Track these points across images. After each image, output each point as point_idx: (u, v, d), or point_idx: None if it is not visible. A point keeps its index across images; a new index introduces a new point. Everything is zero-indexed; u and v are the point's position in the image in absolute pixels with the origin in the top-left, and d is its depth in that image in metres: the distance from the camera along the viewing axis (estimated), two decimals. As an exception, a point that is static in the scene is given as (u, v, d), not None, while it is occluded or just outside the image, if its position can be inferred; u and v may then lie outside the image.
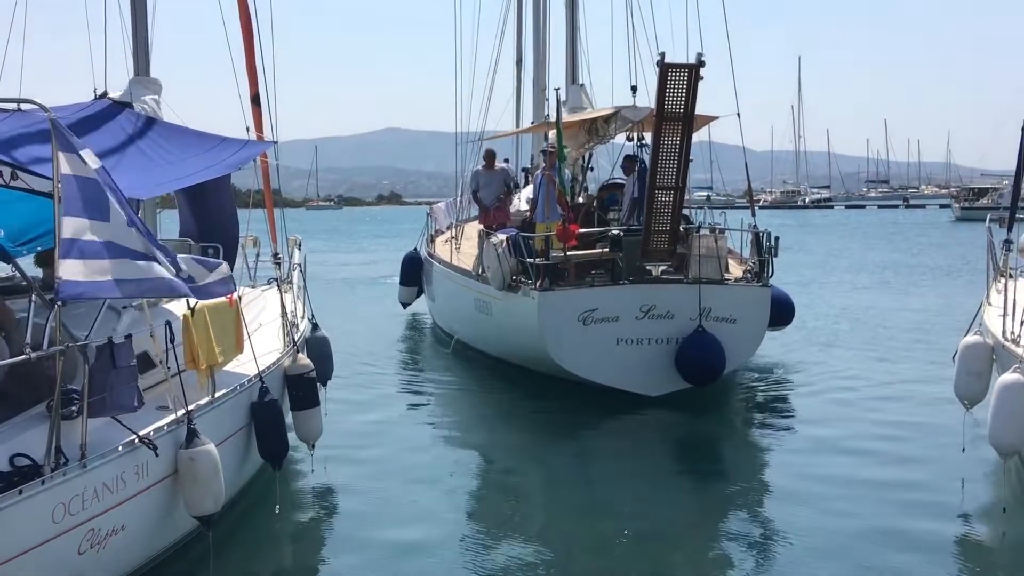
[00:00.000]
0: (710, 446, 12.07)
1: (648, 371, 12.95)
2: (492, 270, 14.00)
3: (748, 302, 13.38)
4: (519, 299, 13.53)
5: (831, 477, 10.07)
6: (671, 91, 12.04)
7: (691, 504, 9.69)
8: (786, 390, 14.54)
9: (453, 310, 17.71)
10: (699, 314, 12.83)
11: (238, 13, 11.83)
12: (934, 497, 9.39)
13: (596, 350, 12.89)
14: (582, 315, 12.83)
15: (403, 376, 16.21)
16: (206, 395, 7.87)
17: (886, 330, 19.90)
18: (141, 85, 11.28)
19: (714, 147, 17.52)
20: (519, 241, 13.65)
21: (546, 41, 20.65)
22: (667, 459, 11.60)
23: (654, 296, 12.96)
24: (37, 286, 6.20)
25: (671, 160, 12.42)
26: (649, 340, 12.93)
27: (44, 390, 6.49)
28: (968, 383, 9.95)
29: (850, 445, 11.32)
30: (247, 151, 10.62)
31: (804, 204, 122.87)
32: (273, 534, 8.72)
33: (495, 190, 17.15)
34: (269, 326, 10.73)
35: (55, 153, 5.75)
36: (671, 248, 13.09)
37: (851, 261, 39.34)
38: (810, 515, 8.93)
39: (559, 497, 9.99)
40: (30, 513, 5.57)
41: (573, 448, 11.78)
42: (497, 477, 10.80)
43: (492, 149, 17.95)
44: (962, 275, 31.19)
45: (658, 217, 12.78)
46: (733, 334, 13.00)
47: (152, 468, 6.71)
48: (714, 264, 13.22)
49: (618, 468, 10.79)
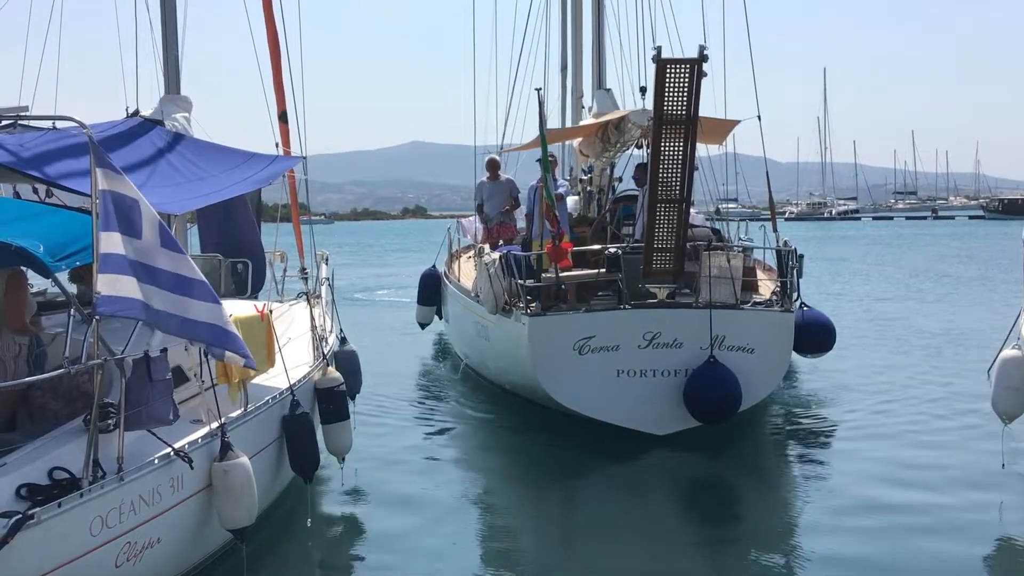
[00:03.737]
0: (724, 493, 10.55)
1: (653, 407, 11.46)
2: (484, 292, 12.87)
3: (768, 329, 11.79)
4: (512, 324, 12.18)
5: (861, 527, 8.88)
6: (671, 91, 10.74)
7: (701, 563, 8.44)
8: (812, 423, 12.95)
9: (461, 333, 16.46)
10: (711, 343, 11.31)
11: (266, 32, 11.96)
12: (973, 516, 9.17)
13: (593, 382, 11.45)
14: (578, 343, 11.41)
15: (423, 395, 15.58)
16: (238, 408, 7.94)
17: (920, 339, 19.69)
18: (172, 103, 11.46)
19: (738, 158, 17.45)
20: (511, 260, 12.33)
21: (580, 48, 19.73)
22: (674, 508, 10.12)
23: (659, 322, 11.48)
24: (76, 301, 6.28)
25: (673, 169, 11.12)
26: (654, 372, 11.47)
27: (79, 404, 6.58)
28: (1006, 397, 9.83)
29: (885, 473, 10.47)
30: (276, 166, 10.72)
31: (831, 216, 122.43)
32: (306, 548, 8.74)
33: (499, 202, 16.10)
34: (298, 340, 10.79)
35: (93, 169, 5.83)
36: (676, 267, 11.68)
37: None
38: (834, 549, 8.39)
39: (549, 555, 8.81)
40: (69, 526, 5.62)
41: (583, 495, 10.44)
42: (484, 518, 9.74)
43: (495, 158, 16.78)
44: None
45: (660, 233, 11.42)
46: (750, 365, 11.42)
47: (187, 481, 6.77)
48: (727, 286, 11.62)
49: (618, 520, 9.43)
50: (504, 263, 12.42)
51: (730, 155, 17.10)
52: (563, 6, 20.75)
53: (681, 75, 10.67)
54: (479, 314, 13.57)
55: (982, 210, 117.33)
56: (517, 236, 15.31)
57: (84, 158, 6.79)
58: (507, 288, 12.36)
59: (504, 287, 12.40)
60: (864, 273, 39.29)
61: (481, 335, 13.91)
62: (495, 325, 12.88)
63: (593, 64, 18.93)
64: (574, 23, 19.91)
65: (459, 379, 16.22)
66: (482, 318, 13.39)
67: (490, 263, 12.68)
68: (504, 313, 12.45)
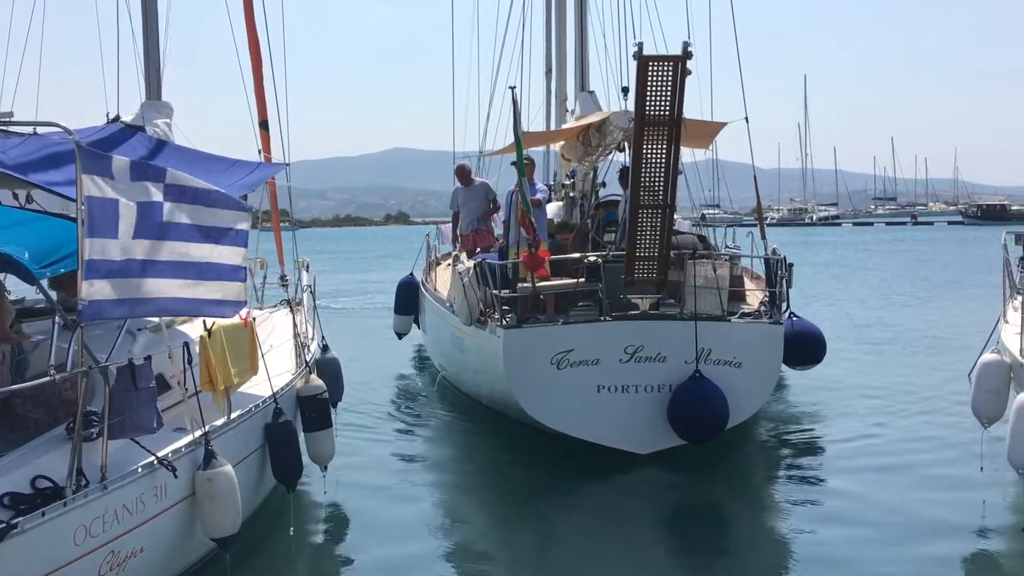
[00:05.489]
0: (710, 516, 9.97)
1: (635, 424, 10.86)
2: (458, 302, 12.27)
3: (756, 342, 11.22)
4: (487, 336, 11.55)
5: (853, 545, 8.63)
6: (653, 90, 10.08)
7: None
8: (801, 439, 12.48)
9: (437, 344, 15.78)
10: (696, 356, 10.76)
11: (247, 40, 11.93)
12: (953, 518, 9.27)
13: (573, 398, 10.86)
14: (556, 357, 10.82)
15: (403, 404, 15.20)
16: (221, 416, 7.91)
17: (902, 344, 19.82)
18: (153, 109, 11.43)
19: (720, 164, 17.41)
20: (486, 269, 11.63)
21: (564, 51, 19.33)
22: (657, 532, 9.58)
23: (642, 334, 10.90)
24: (60, 308, 6.24)
25: (656, 173, 10.48)
26: (636, 387, 10.89)
27: (61, 412, 6.55)
28: (986, 401, 9.88)
29: (873, 491, 10.17)
30: (259, 173, 10.70)
31: (811, 222, 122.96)
32: (289, 557, 8.71)
33: (475, 208, 15.44)
34: (280, 348, 10.76)
35: (79, 175, 5.80)
36: (660, 277, 11.06)
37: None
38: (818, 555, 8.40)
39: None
40: (52, 535, 5.59)
41: (561, 514, 9.90)
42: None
43: (464, 164, 16.10)
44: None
45: (643, 240, 10.80)
46: (738, 380, 10.87)
47: (171, 489, 6.74)
48: (713, 296, 11.06)
49: (598, 544, 8.95)
50: (479, 272, 11.76)
51: (712, 161, 17.08)
52: (547, 8, 20.65)
53: (664, 73, 10.03)
54: (454, 325, 12.99)
55: (961, 215, 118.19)
56: (495, 244, 14.58)
57: (67, 165, 6.78)
58: (482, 298, 11.73)
59: (479, 297, 11.76)
60: (844, 279, 39.48)
61: (457, 347, 13.37)
62: (470, 337, 12.31)
63: (576, 66, 18.55)
64: (558, 25, 19.74)
65: (437, 392, 15.84)
66: (457, 329, 12.85)
67: (464, 272, 12.05)
68: (479, 325, 11.83)
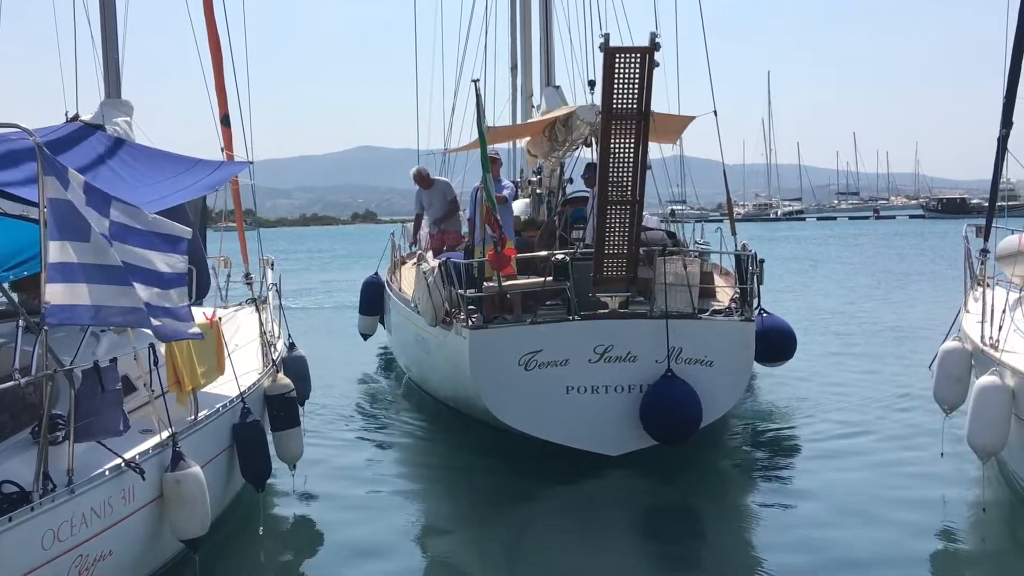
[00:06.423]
0: (683, 518, 9.76)
1: (605, 426, 10.58)
2: (422, 303, 11.89)
3: (728, 340, 10.92)
4: (452, 337, 11.29)
5: (827, 538, 8.67)
6: (620, 82, 9.82)
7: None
8: (773, 436, 12.36)
9: (403, 345, 15.56)
10: (667, 355, 10.52)
11: (207, 35, 11.84)
12: (916, 500, 9.48)
13: (541, 400, 10.56)
14: (523, 358, 10.51)
15: (370, 405, 14.97)
16: (188, 416, 7.84)
17: (866, 336, 20.02)
18: (113, 107, 11.30)
19: (685, 159, 17.43)
20: (451, 268, 11.39)
21: (529, 46, 19.39)
22: (629, 535, 9.36)
23: (611, 334, 10.61)
24: (23, 311, 6.15)
25: (624, 168, 10.23)
26: (606, 388, 10.59)
27: (25, 416, 6.46)
28: (947, 388, 10.03)
29: (842, 496, 9.90)
30: (223, 172, 10.63)
31: (776, 217, 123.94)
32: (258, 557, 8.65)
33: (437, 209, 15.62)
34: (246, 347, 10.69)
35: (40, 177, 5.73)
36: (630, 275, 10.78)
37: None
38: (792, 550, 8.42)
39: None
40: (20, 540, 5.52)
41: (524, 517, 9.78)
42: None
43: (420, 169, 16.03)
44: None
45: (612, 237, 10.51)
46: (710, 379, 10.60)
47: (139, 492, 6.68)
48: (684, 294, 10.81)
49: (568, 548, 8.72)
50: (444, 271, 11.53)
51: (679, 156, 17.11)
52: (512, 3, 20.52)
53: (632, 65, 9.77)
54: (419, 326, 12.69)
55: (922, 209, 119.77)
56: (462, 243, 14.42)
57: (26, 164, 6.69)
58: (447, 298, 11.46)
59: (444, 297, 11.49)
60: (808, 273, 39.88)
61: (422, 348, 13.12)
62: (435, 338, 12.04)
63: (542, 61, 18.48)
64: (523, 20, 19.73)
65: (403, 393, 15.64)
66: (422, 330, 12.58)
67: (428, 271, 11.75)
68: (444, 325, 11.52)
